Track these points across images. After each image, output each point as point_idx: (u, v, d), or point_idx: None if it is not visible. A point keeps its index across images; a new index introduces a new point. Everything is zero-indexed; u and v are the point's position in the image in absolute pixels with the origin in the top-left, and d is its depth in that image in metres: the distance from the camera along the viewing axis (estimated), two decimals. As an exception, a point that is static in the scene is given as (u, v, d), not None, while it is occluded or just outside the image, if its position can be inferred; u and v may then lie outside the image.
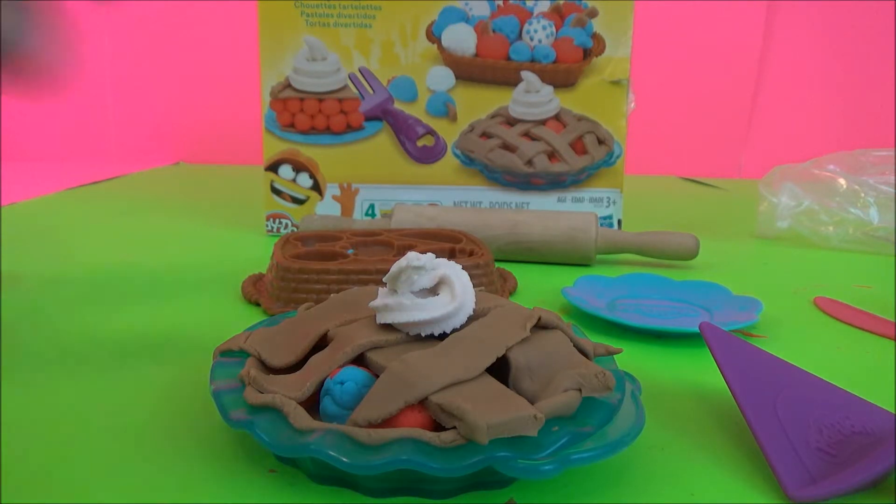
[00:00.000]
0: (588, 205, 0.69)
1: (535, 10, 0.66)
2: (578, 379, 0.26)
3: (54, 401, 0.33)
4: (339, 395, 0.26)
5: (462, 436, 0.23)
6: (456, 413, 0.24)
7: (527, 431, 0.23)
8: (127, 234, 0.69)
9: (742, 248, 0.70)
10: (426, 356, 0.26)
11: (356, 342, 0.28)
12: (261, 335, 0.31)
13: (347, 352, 0.27)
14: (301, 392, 0.26)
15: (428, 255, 0.29)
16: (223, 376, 0.29)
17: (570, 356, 0.28)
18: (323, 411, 0.26)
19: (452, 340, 0.28)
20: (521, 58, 0.66)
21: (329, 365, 0.27)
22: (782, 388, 0.30)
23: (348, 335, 0.29)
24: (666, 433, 0.30)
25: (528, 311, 0.31)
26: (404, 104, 0.67)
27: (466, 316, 0.29)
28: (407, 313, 0.28)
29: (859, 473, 0.25)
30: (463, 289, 0.29)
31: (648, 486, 0.26)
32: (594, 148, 0.67)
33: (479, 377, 0.26)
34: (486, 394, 0.25)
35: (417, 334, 0.28)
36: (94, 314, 0.45)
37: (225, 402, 0.27)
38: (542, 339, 0.29)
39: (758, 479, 0.27)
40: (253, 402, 0.26)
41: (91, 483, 0.26)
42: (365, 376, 0.26)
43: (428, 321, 0.28)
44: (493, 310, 0.30)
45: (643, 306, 0.47)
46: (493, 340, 0.28)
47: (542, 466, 0.23)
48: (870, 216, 0.69)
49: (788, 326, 0.45)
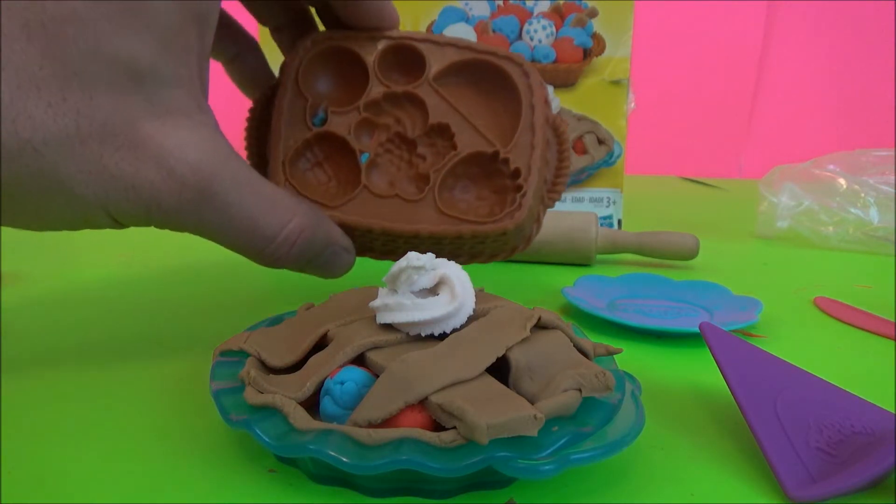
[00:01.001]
0: (588, 205, 0.69)
1: (535, 10, 0.66)
2: (578, 379, 0.26)
3: (54, 401, 0.33)
4: (338, 395, 0.26)
5: (462, 436, 0.23)
6: (456, 413, 0.24)
7: (527, 431, 0.23)
8: (127, 233, 0.69)
9: (742, 248, 0.70)
10: (426, 356, 0.27)
11: (356, 342, 0.28)
12: (261, 335, 0.31)
13: (347, 352, 0.27)
14: (301, 392, 0.26)
15: (428, 255, 0.29)
16: (223, 376, 0.29)
17: (570, 356, 0.28)
18: (323, 411, 0.26)
19: (452, 340, 0.28)
20: (521, 58, 0.66)
21: (329, 365, 0.27)
22: (782, 388, 0.30)
23: (348, 335, 0.29)
24: (666, 433, 0.30)
25: (529, 310, 0.31)
26: (404, 104, 0.67)
27: (466, 316, 0.29)
28: (407, 313, 0.28)
29: (859, 473, 0.25)
30: (463, 288, 0.29)
31: (648, 486, 0.26)
32: (594, 148, 0.67)
33: (479, 377, 0.26)
34: (486, 394, 0.25)
35: (417, 334, 0.29)
36: (94, 314, 0.45)
37: (225, 402, 0.27)
38: (542, 339, 0.29)
39: (758, 479, 0.27)
40: (253, 402, 0.26)
41: (90, 483, 0.26)
42: (365, 376, 0.27)
43: (428, 321, 0.28)
44: (493, 310, 0.30)
45: (643, 306, 0.47)
46: (493, 340, 0.28)
47: (542, 466, 0.23)
48: (870, 216, 0.69)
49: (788, 326, 0.45)
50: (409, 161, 0.42)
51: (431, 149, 0.41)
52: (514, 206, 0.39)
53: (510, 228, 0.39)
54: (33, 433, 0.29)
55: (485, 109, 0.42)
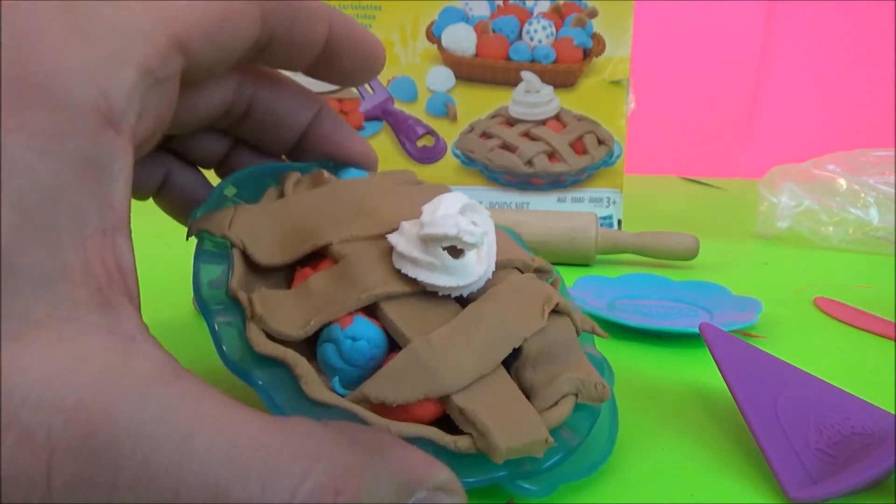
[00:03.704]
0: (588, 205, 0.69)
1: (535, 10, 0.66)
2: (578, 385, 0.26)
3: (54, 401, 0.32)
4: (348, 350, 0.24)
5: (477, 447, 0.23)
6: (479, 428, 0.23)
7: (536, 454, 0.24)
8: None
9: (742, 248, 0.70)
10: (450, 339, 0.25)
11: (371, 289, 0.25)
12: (245, 219, 0.27)
13: (362, 298, 0.24)
14: (303, 331, 0.24)
15: (480, 228, 0.26)
16: (209, 274, 0.25)
17: (574, 352, 0.28)
18: (322, 358, 0.24)
19: (473, 317, 0.26)
20: (521, 58, 0.66)
21: (337, 308, 0.24)
22: (782, 388, 0.30)
23: (358, 269, 0.25)
24: (666, 433, 0.30)
25: (545, 290, 0.29)
26: (404, 104, 0.67)
27: (486, 279, 0.27)
28: (436, 275, 0.25)
29: (859, 474, 0.25)
30: (490, 251, 0.27)
31: (648, 486, 0.26)
32: (594, 148, 0.67)
33: (494, 372, 0.25)
34: (502, 398, 0.25)
35: (435, 292, 0.26)
36: (94, 314, 0.45)
37: (225, 336, 0.23)
38: (552, 328, 0.28)
39: (758, 479, 0.27)
40: (261, 350, 0.23)
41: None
42: (378, 336, 0.24)
43: (455, 287, 0.26)
44: (509, 280, 0.28)
45: (643, 306, 0.47)
46: (511, 326, 0.26)
47: (534, 487, 0.24)
48: (870, 216, 0.69)
49: (788, 327, 0.45)
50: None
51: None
52: None
53: None
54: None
55: None
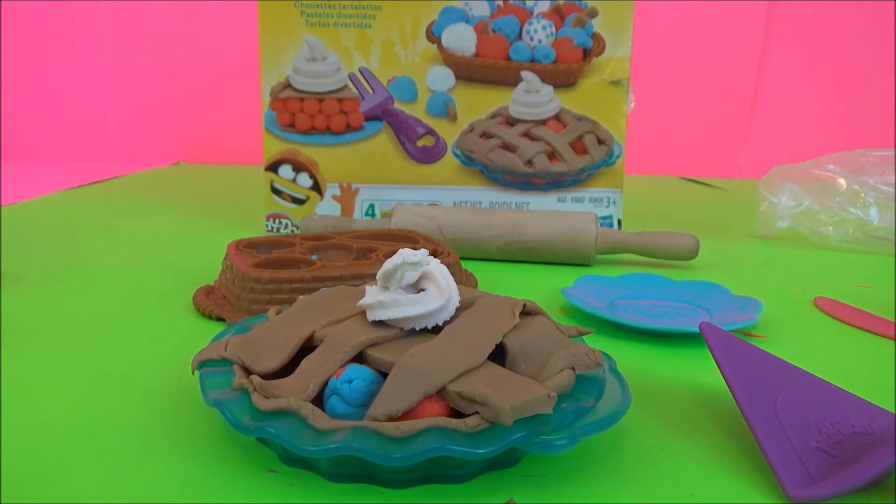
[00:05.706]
0: (588, 205, 0.69)
1: (535, 10, 0.66)
2: (571, 359, 0.28)
3: (54, 400, 0.33)
4: (347, 393, 0.26)
5: (486, 419, 0.25)
6: (478, 399, 0.25)
7: (544, 410, 0.25)
8: (127, 234, 0.69)
9: (742, 248, 0.70)
10: (432, 348, 0.27)
11: (354, 340, 0.28)
12: (239, 342, 0.30)
13: (348, 350, 0.28)
14: (306, 394, 0.26)
15: (421, 251, 0.30)
16: (215, 386, 0.28)
17: (558, 339, 0.30)
18: (330, 411, 0.26)
19: (450, 332, 0.29)
20: (521, 58, 0.66)
21: (330, 365, 0.27)
22: (782, 388, 0.30)
23: (342, 335, 0.29)
24: (666, 433, 0.30)
25: (512, 299, 0.32)
26: (404, 104, 0.67)
27: (455, 307, 0.30)
28: (403, 309, 0.29)
29: (859, 473, 0.25)
30: (446, 281, 0.30)
31: (648, 486, 0.26)
32: (594, 148, 0.67)
33: (484, 364, 0.27)
34: (497, 378, 0.26)
35: (412, 329, 0.29)
36: (94, 314, 0.45)
37: (233, 409, 0.26)
38: (530, 324, 0.31)
39: (758, 479, 0.27)
40: (266, 407, 0.26)
41: (90, 483, 0.26)
42: (371, 374, 0.27)
43: (424, 315, 0.29)
44: (478, 300, 0.32)
45: (643, 306, 0.47)
46: (488, 329, 0.29)
47: (557, 442, 0.25)
48: (870, 216, 0.69)
49: (788, 326, 0.45)
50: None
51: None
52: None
53: None
54: (33, 433, 0.29)
55: None
